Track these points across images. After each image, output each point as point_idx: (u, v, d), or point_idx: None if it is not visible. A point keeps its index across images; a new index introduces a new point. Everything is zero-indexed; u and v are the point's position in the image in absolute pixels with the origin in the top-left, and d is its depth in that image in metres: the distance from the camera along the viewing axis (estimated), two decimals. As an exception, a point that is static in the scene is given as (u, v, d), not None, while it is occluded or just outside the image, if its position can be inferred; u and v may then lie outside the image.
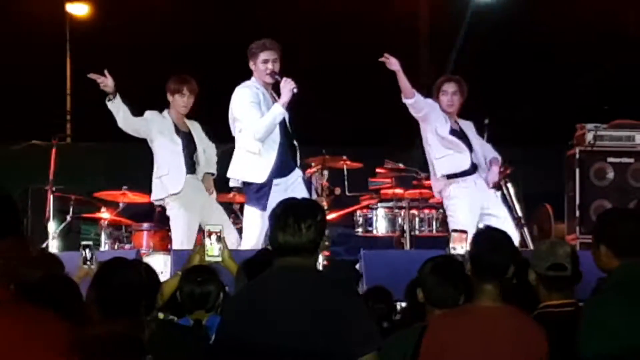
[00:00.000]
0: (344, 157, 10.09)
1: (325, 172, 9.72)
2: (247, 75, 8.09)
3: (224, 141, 8.60)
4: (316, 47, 13.60)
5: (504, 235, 4.50)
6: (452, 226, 8.16)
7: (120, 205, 9.86)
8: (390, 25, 13.83)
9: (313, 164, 9.75)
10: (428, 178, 9.01)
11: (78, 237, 9.73)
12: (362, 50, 14.21)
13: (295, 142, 8.08)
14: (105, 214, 9.71)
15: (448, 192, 8.38)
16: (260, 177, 7.85)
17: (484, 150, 8.64)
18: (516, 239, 8.19)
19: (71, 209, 9.99)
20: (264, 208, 7.75)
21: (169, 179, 8.27)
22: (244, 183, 7.97)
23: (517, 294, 4.46)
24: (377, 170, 10.08)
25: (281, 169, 7.90)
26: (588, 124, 9.79)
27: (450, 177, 8.39)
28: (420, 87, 8.61)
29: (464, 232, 6.67)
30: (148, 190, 9.25)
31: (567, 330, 4.09)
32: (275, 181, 7.85)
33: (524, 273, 4.61)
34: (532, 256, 4.70)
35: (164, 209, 8.55)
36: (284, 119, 7.90)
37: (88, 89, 8.49)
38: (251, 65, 8.00)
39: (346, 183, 10.10)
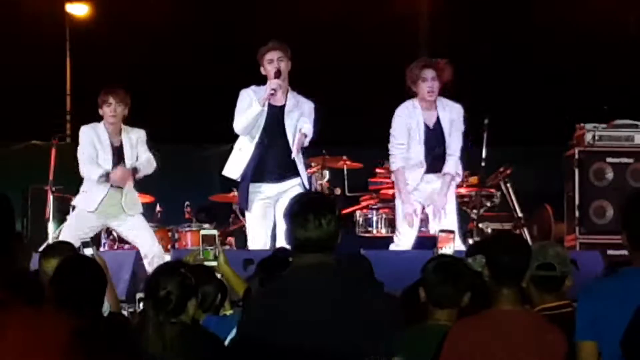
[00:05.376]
0: (344, 157, 10.09)
1: (325, 172, 9.73)
2: (248, 75, 8.03)
3: (225, 141, 8.59)
4: (316, 48, 13.60)
5: (521, 239, 4.47)
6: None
7: (120, 205, 9.83)
8: (390, 25, 13.85)
9: (313, 164, 9.75)
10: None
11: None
12: (362, 50, 14.23)
13: (290, 146, 7.73)
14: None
15: None
16: (234, 172, 7.78)
17: None
18: None
19: (71, 209, 9.96)
20: (245, 207, 7.75)
21: (87, 196, 8.19)
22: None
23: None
24: (377, 170, 10.06)
25: (262, 172, 7.73)
26: (587, 124, 9.79)
27: None
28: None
29: (451, 232, 6.68)
30: (148, 190, 9.26)
31: (568, 332, 4.08)
32: (255, 185, 7.69)
33: None
34: None
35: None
36: (274, 120, 7.73)
37: (88, 89, 8.49)
38: (262, 70, 7.82)
39: (346, 183, 10.11)
